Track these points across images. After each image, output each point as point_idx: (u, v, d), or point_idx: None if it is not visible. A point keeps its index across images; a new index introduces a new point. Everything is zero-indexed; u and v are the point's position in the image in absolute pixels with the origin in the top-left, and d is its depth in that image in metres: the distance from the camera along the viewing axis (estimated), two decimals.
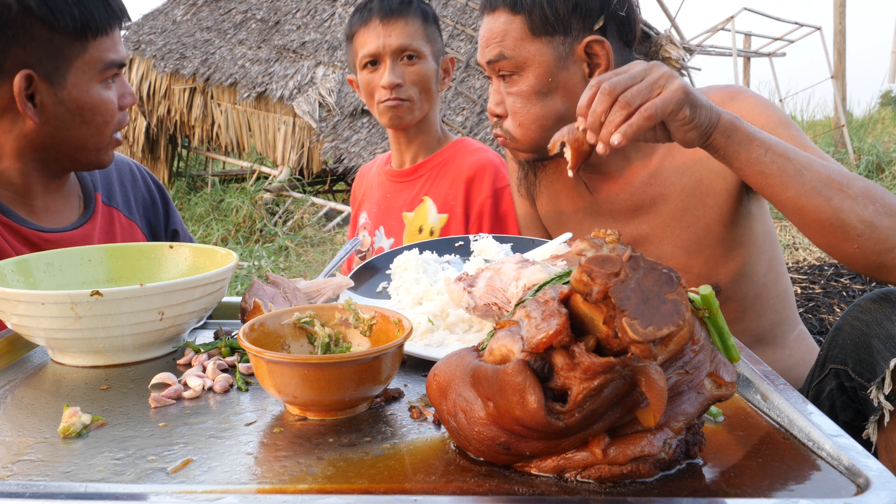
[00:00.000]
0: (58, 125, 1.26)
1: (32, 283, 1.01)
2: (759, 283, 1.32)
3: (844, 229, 0.98)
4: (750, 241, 1.29)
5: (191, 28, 8.14)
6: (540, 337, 0.55)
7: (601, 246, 0.83)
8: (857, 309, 1.03)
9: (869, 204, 0.98)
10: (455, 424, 0.63)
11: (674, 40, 8.33)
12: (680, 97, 0.94)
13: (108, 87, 1.30)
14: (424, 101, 1.68)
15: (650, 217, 1.30)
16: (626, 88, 0.95)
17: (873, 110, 11.34)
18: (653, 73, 0.96)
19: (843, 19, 9.04)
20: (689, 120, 0.96)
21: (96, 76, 1.27)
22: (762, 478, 0.61)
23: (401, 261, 1.12)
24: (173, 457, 0.65)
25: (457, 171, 1.69)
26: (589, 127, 0.97)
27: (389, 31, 1.63)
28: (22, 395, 0.83)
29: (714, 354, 0.63)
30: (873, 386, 0.95)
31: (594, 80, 0.98)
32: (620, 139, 0.93)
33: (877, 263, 1.00)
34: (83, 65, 1.25)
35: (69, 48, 1.23)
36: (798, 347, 1.39)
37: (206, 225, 6.61)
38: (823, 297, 3.36)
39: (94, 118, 1.28)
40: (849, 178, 1.00)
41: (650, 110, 0.93)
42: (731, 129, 0.99)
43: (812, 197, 0.99)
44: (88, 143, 1.31)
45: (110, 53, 1.28)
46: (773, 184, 1.00)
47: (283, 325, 0.82)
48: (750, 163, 1.00)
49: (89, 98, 1.27)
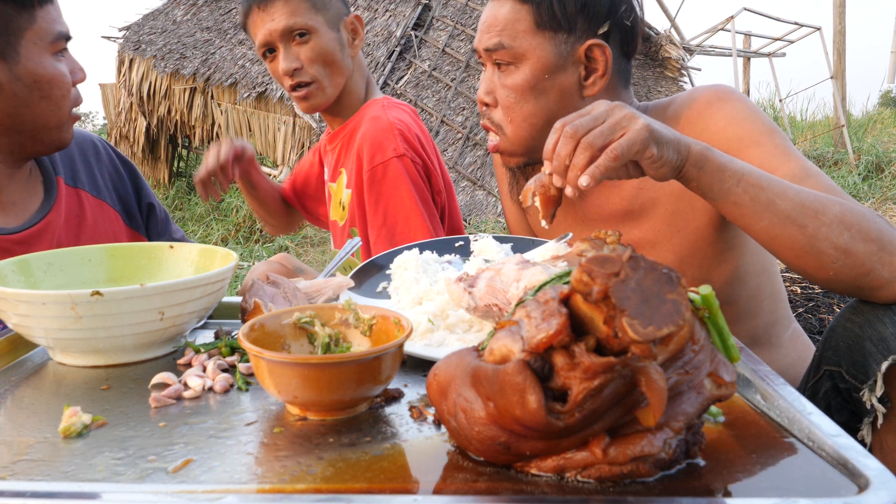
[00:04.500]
0: (17, 103, 1.23)
1: (33, 282, 1.01)
2: (752, 285, 1.32)
3: (819, 257, 0.98)
4: (742, 244, 1.29)
5: (191, 28, 8.15)
6: (540, 337, 0.55)
7: (601, 246, 0.83)
8: (849, 311, 1.03)
9: (844, 231, 0.97)
10: (455, 424, 0.63)
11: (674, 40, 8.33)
12: (644, 136, 0.93)
13: (59, 61, 1.26)
14: (334, 76, 1.58)
15: (641, 222, 1.30)
16: (588, 130, 0.95)
17: (873, 110, 11.35)
18: (615, 114, 0.96)
19: (842, 19, 9.04)
20: (657, 157, 0.95)
21: (48, 47, 1.24)
22: (762, 478, 0.61)
23: (401, 261, 1.12)
24: (174, 456, 0.65)
25: (358, 141, 1.57)
26: (554, 171, 0.97)
27: (270, 14, 1.53)
28: (22, 394, 0.83)
29: (714, 354, 0.63)
30: (866, 388, 0.96)
31: (558, 124, 0.98)
32: (589, 181, 0.92)
33: (855, 286, 1.00)
34: (33, 36, 1.22)
35: (17, 19, 1.20)
36: (793, 347, 1.39)
37: (206, 225, 6.61)
38: (823, 297, 3.35)
39: (51, 92, 1.25)
40: (824, 203, 0.99)
41: (616, 151, 0.92)
42: (703, 160, 0.99)
43: (786, 226, 0.98)
44: (49, 121, 1.27)
45: (57, 24, 1.25)
46: (747, 213, 0.99)
47: (283, 325, 0.83)
48: (723, 193, 0.99)
49: (45, 71, 1.23)
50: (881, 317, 0.98)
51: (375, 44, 7.28)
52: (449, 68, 7.11)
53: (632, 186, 1.29)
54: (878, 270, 0.97)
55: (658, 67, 8.17)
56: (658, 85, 7.98)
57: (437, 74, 7.05)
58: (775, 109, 9.81)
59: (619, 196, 1.30)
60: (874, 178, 6.78)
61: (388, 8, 7.58)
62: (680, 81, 8.18)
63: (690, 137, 1.00)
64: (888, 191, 6.36)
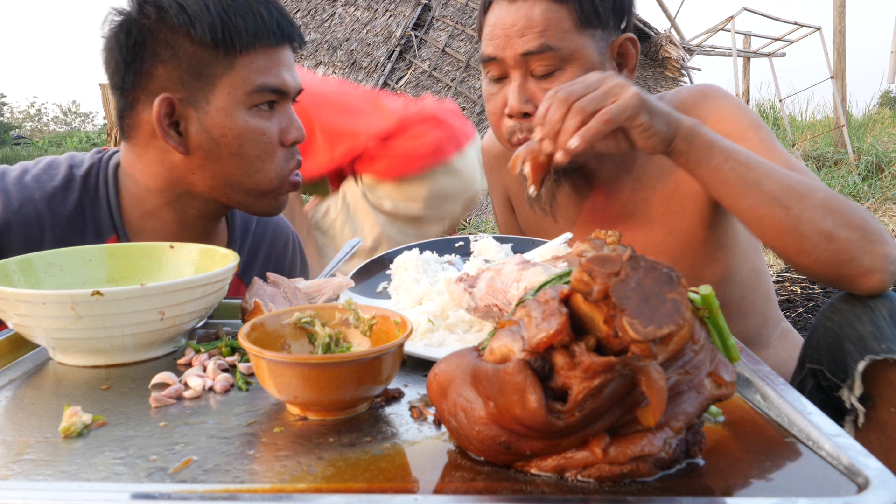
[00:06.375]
0: (203, 156, 1.13)
1: (34, 282, 1.01)
2: (743, 286, 1.32)
3: (802, 240, 0.98)
4: (732, 244, 1.29)
5: None
6: (540, 336, 0.55)
7: (601, 247, 0.83)
8: (829, 309, 1.03)
9: (828, 215, 0.98)
10: (455, 424, 0.63)
11: (674, 40, 8.34)
12: (636, 103, 0.94)
13: (261, 115, 1.14)
14: None
15: (634, 223, 1.30)
16: (580, 97, 0.95)
17: (873, 110, 11.34)
18: (607, 82, 0.96)
19: (842, 19, 9.04)
20: (647, 126, 0.96)
21: (243, 99, 1.11)
22: (762, 477, 0.61)
23: (401, 261, 1.12)
24: (174, 456, 0.65)
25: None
26: (545, 135, 0.97)
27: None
28: (23, 394, 0.83)
29: (714, 354, 0.63)
30: (845, 387, 0.96)
31: (550, 92, 0.98)
32: (579, 142, 0.92)
33: (835, 275, 0.99)
34: (228, 85, 1.11)
35: (213, 65, 1.10)
36: (783, 345, 1.40)
37: None
38: (823, 296, 3.36)
39: (242, 149, 1.13)
40: (810, 188, 1.00)
41: (607, 115, 0.93)
42: (692, 135, 0.99)
43: (771, 206, 0.99)
44: (242, 181, 1.15)
45: (263, 76, 1.12)
46: (733, 192, 1.00)
47: (283, 325, 0.83)
48: (710, 170, 1.00)
49: (233, 124, 1.11)
50: (860, 315, 0.98)
51: (375, 44, 7.29)
52: (449, 68, 7.11)
53: (626, 188, 1.29)
54: (860, 258, 0.97)
55: (658, 67, 8.18)
56: (658, 85, 7.99)
57: (437, 74, 7.06)
58: (775, 109, 9.80)
59: (614, 198, 1.30)
60: (874, 178, 6.78)
61: (388, 8, 7.59)
62: (680, 81, 8.19)
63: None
64: (888, 191, 6.36)
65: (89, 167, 1.23)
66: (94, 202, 1.21)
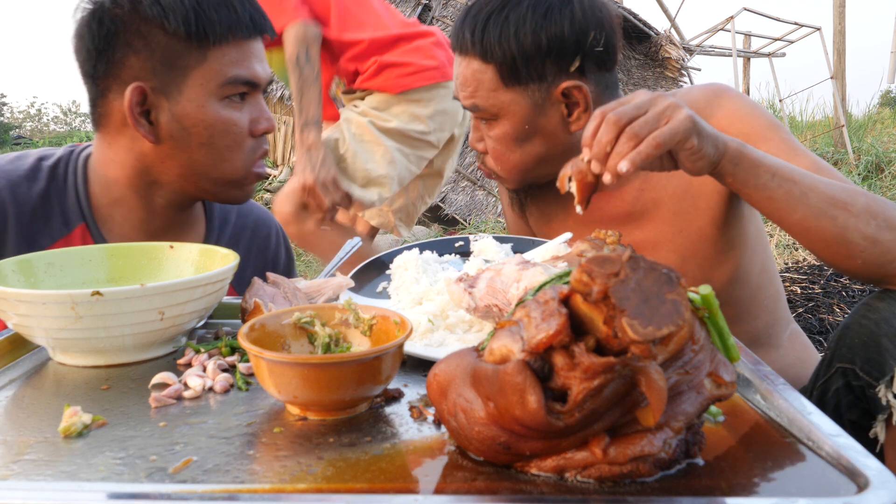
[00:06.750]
0: (174, 145, 1.14)
1: (34, 282, 1.01)
2: (753, 286, 1.32)
3: (849, 246, 1.00)
4: (743, 243, 1.29)
5: None
6: (540, 337, 0.55)
7: (601, 247, 0.83)
8: (865, 308, 1.04)
9: (871, 220, 1.00)
10: (455, 424, 0.63)
11: (674, 40, 8.34)
12: (688, 126, 0.94)
13: (232, 107, 1.15)
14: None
15: (643, 223, 1.30)
16: (631, 119, 0.94)
17: (873, 110, 11.34)
18: (658, 103, 0.96)
19: (842, 19, 9.04)
20: (697, 149, 0.96)
21: (215, 90, 1.13)
22: (762, 477, 0.61)
23: (401, 261, 1.13)
24: (174, 456, 0.65)
25: None
26: (594, 157, 0.96)
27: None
28: (22, 394, 0.83)
29: (714, 354, 0.63)
30: (882, 384, 0.96)
31: (598, 111, 0.97)
32: (628, 166, 0.92)
33: (880, 275, 1.02)
34: (201, 76, 1.12)
35: (186, 56, 1.11)
36: (792, 347, 1.40)
37: None
38: (823, 296, 3.35)
39: (212, 139, 1.14)
40: (852, 194, 1.01)
41: (658, 139, 0.92)
42: (739, 156, 0.99)
43: (818, 218, 1.00)
44: (210, 171, 1.17)
45: (235, 68, 1.14)
46: (781, 207, 1.01)
47: (283, 325, 0.83)
48: (758, 189, 1.01)
49: (204, 115, 1.13)
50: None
51: None
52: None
53: (634, 188, 1.29)
54: None
55: (658, 67, 8.18)
56: (658, 85, 7.99)
57: None
58: (775, 109, 9.80)
59: (620, 198, 1.30)
60: (874, 178, 6.78)
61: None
62: (680, 81, 8.19)
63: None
64: (888, 191, 6.36)
65: (58, 159, 1.25)
66: (61, 191, 1.22)
